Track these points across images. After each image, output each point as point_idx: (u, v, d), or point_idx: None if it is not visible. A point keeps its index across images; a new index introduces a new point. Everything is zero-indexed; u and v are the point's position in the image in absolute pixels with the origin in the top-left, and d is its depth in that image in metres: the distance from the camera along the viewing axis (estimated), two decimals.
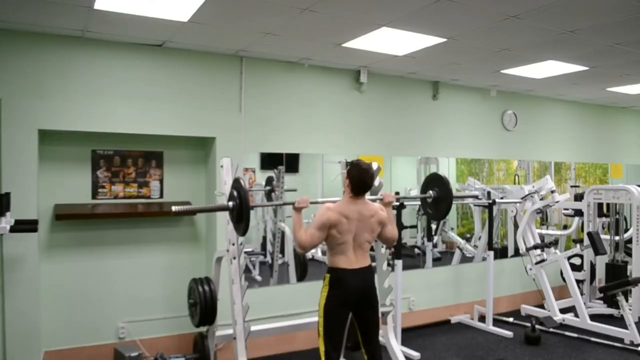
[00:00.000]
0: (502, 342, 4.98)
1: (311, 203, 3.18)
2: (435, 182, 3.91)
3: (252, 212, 5.09)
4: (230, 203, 3.10)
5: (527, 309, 5.90)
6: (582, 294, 5.61)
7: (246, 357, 3.45)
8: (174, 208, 2.96)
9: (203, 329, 4.00)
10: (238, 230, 3.17)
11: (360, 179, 3.07)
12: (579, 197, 6.27)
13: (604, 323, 5.16)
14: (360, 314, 3.12)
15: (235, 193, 3.07)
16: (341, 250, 3.05)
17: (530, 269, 5.55)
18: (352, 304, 3.07)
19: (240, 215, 3.04)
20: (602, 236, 5.59)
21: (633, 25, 3.67)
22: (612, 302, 5.52)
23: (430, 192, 3.88)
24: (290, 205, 3.20)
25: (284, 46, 4.22)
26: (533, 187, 5.66)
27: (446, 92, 5.76)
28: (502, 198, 5.84)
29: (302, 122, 4.84)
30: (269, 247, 5.15)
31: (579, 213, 6.21)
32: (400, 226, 4.70)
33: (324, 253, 3.86)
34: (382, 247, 4.12)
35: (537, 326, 4.97)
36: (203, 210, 3.15)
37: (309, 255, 5.24)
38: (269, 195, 4.93)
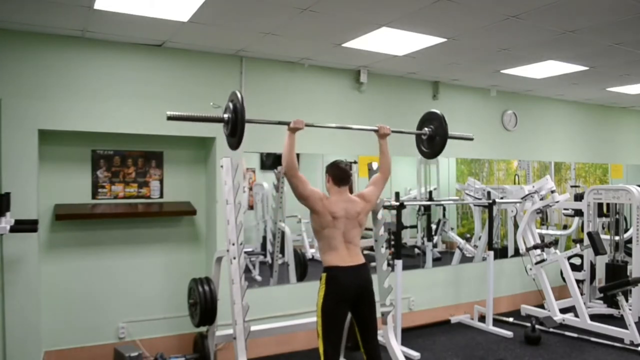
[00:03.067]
0: (502, 342, 4.98)
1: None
2: (431, 120, 3.77)
3: (252, 212, 5.15)
4: (226, 115, 3.03)
5: (527, 309, 5.90)
6: (582, 294, 5.61)
7: (246, 357, 3.45)
8: (168, 113, 2.90)
9: (203, 329, 4.00)
10: (231, 145, 3.10)
11: (337, 172, 3.19)
12: (579, 197, 6.26)
13: (604, 323, 5.16)
14: (358, 312, 3.12)
15: (231, 106, 3.01)
16: (331, 246, 3.08)
17: (530, 269, 5.55)
18: (349, 302, 3.07)
19: (234, 127, 2.98)
20: (602, 236, 5.59)
21: (633, 25, 3.67)
22: (612, 302, 5.52)
23: (426, 129, 3.76)
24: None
25: (284, 46, 4.22)
26: (533, 187, 5.66)
27: (446, 92, 5.76)
28: (502, 198, 5.84)
29: None
30: (269, 247, 5.16)
31: (579, 213, 6.21)
32: (400, 226, 4.70)
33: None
34: (382, 247, 4.12)
35: (537, 326, 4.97)
36: (199, 119, 3.02)
37: (309, 255, 5.25)
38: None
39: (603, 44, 4.15)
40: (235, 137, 3.00)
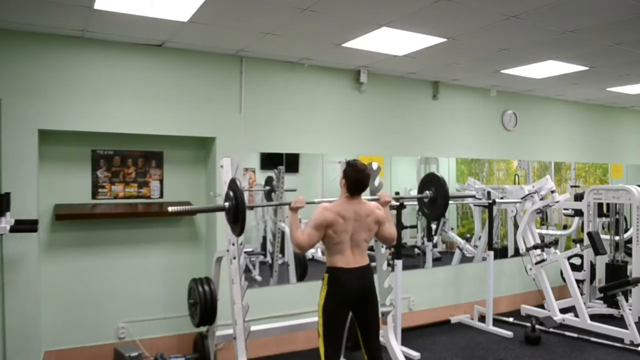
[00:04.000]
0: (502, 342, 4.98)
1: (307, 203, 3.19)
2: (431, 182, 3.89)
3: (252, 212, 5.16)
4: (227, 204, 3.10)
5: (527, 309, 5.90)
6: (582, 294, 5.62)
7: (246, 357, 3.45)
8: (170, 208, 2.99)
9: (203, 329, 4.00)
10: (234, 231, 3.17)
11: (356, 178, 3.08)
12: (579, 197, 6.26)
13: (604, 323, 5.16)
14: (360, 313, 3.12)
15: (231, 194, 3.07)
16: (338, 249, 3.05)
17: (530, 269, 5.55)
18: (351, 303, 3.07)
19: (236, 216, 3.03)
20: (602, 236, 5.59)
21: (633, 25, 3.67)
22: (612, 302, 5.52)
23: (427, 192, 3.86)
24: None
25: (284, 46, 4.22)
26: (533, 187, 5.66)
27: (446, 92, 5.76)
28: (502, 198, 5.84)
29: (302, 122, 4.84)
30: (269, 247, 5.15)
31: (579, 213, 6.21)
32: (400, 226, 4.70)
33: (324, 253, 3.86)
34: (382, 247, 4.12)
35: (537, 326, 4.97)
36: (199, 210, 3.15)
37: (309, 255, 5.24)
38: (268, 195, 4.93)
39: (603, 44, 4.15)
40: (237, 224, 3.06)
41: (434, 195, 3.81)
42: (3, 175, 3.64)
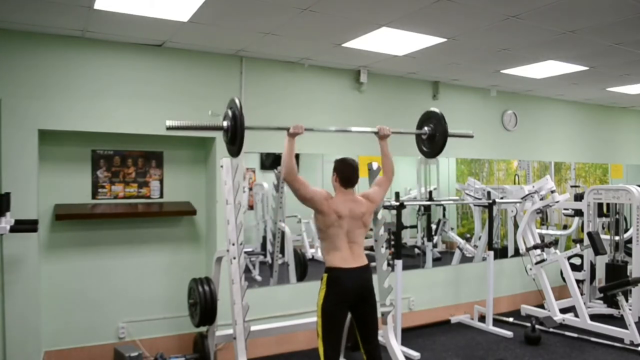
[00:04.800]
0: (502, 342, 4.98)
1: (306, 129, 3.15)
2: (430, 119, 3.75)
3: (252, 212, 5.15)
4: (225, 123, 3.00)
5: (527, 309, 5.90)
6: (582, 294, 5.61)
7: (246, 357, 3.45)
8: (168, 122, 2.87)
9: (203, 329, 4.00)
10: (231, 152, 3.08)
11: (345, 170, 3.15)
12: (579, 197, 6.26)
13: (604, 323, 5.16)
14: (359, 313, 3.12)
15: (230, 113, 2.99)
16: (335, 245, 3.06)
17: (530, 269, 5.55)
18: (349, 303, 3.06)
19: (234, 135, 2.95)
20: (602, 236, 5.59)
21: (633, 25, 3.67)
22: (612, 302, 5.52)
23: (426, 128, 3.74)
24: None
25: (284, 46, 4.22)
26: (533, 187, 5.66)
27: (446, 92, 5.76)
28: (502, 198, 5.84)
29: (302, 122, 4.78)
30: (269, 247, 5.16)
31: (579, 213, 6.21)
32: (400, 226, 4.70)
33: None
34: (382, 247, 4.12)
35: (537, 326, 4.97)
36: (198, 127, 2.99)
37: (309, 255, 5.25)
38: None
39: (603, 44, 4.15)
40: (235, 145, 2.98)
41: (433, 131, 3.67)
42: (3, 175, 3.64)
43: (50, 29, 3.71)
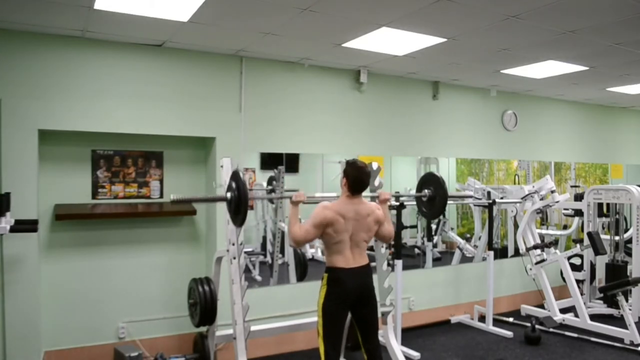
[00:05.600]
0: (502, 342, 4.98)
1: (308, 197, 3.20)
2: (430, 182, 3.92)
3: (252, 212, 5.15)
4: (229, 194, 3.08)
5: (527, 309, 5.90)
6: (582, 294, 5.61)
7: (246, 357, 3.45)
8: (172, 196, 2.96)
9: (203, 329, 4.00)
10: (235, 222, 3.15)
11: (357, 177, 3.09)
12: (579, 197, 6.26)
13: (604, 323, 5.16)
14: (359, 313, 3.12)
15: (233, 184, 3.05)
16: (338, 249, 3.05)
17: (530, 269, 5.55)
18: (350, 303, 3.07)
19: (238, 206, 3.02)
20: (602, 236, 5.59)
21: (633, 25, 3.67)
22: (612, 302, 5.52)
23: (426, 191, 3.88)
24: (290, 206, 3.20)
25: (284, 46, 4.22)
26: (533, 187, 5.66)
27: (446, 92, 5.76)
28: (502, 198, 5.84)
29: (302, 122, 4.84)
30: (269, 247, 5.15)
31: (579, 213, 6.21)
32: (400, 226, 4.70)
33: (324, 253, 3.87)
34: (382, 247, 4.11)
35: (537, 326, 4.97)
36: (201, 200, 3.13)
37: (309, 255, 5.24)
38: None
39: (603, 44, 4.15)
40: (239, 214, 3.05)
41: (433, 194, 3.83)
42: (3, 175, 3.64)
43: (50, 29, 3.71)
